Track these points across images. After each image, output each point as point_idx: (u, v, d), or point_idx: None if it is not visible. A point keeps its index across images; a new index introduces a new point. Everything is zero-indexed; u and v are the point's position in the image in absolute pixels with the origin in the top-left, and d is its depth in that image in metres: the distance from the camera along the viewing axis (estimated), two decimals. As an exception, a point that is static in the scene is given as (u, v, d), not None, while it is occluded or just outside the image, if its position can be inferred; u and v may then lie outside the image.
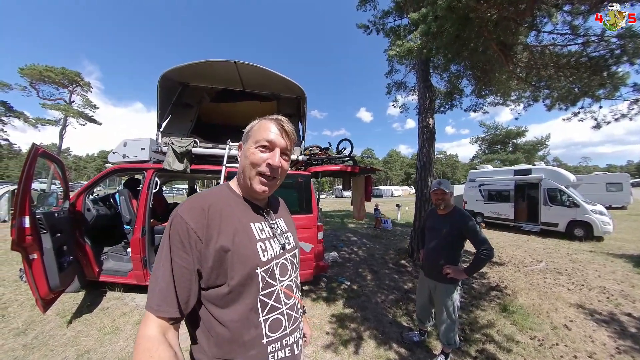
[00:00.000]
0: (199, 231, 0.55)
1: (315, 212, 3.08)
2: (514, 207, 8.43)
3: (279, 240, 0.69)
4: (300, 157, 3.53)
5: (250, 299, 0.58)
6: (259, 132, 0.63)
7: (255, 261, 0.59)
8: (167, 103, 3.36)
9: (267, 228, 0.68)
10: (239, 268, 0.56)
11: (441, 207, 1.84)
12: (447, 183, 1.84)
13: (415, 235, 4.45)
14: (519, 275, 3.89)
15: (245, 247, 0.59)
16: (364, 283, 3.46)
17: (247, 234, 0.61)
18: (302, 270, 2.93)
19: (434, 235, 1.84)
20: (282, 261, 0.67)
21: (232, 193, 0.67)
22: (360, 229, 7.94)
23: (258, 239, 0.63)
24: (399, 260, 4.47)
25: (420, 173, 4.52)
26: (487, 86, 5.34)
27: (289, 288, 0.67)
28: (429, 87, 4.78)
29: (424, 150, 4.52)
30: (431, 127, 4.56)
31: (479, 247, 1.61)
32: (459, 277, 1.69)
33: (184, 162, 2.84)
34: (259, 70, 3.15)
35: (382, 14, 4.41)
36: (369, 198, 4.49)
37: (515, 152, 30.47)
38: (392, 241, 6.23)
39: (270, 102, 3.99)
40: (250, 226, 0.63)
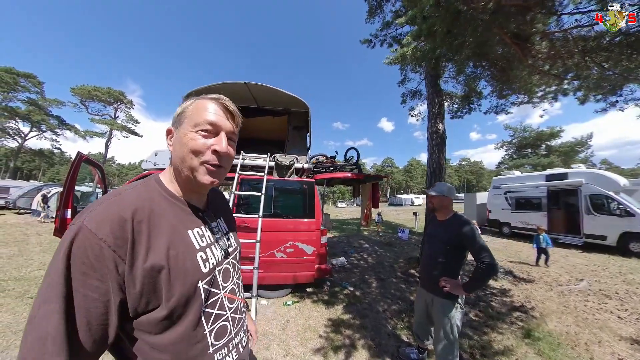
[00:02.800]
0: (120, 249, 0.43)
1: (319, 217, 3.21)
2: (548, 217, 7.54)
3: (221, 245, 0.62)
4: (306, 165, 3.73)
5: (193, 316, 0.51)
6: (197, 114, 0.53)
7: (197, 275, 0.52)
8: None
9: (208, 233, 0.59)
10: (178, 286, 0.48)
11: (432, 211, 1.72)
12: (442, 186, 1.68)
13: (426, 244, 4.31)
14: (551, 296, 3.40)
15: (184, 261, 0.50)
16: (368, 290, 3.45)
17: (185, 244, 0.52)
18: (303, 272, 3.09)
19: (431, 243, 1.71)
20: (225, 266, 0.61)
21: (164, 192, 0.54)
22: (373, 236, 7.82)
23: (198, 248, 0.54)
24: (408, 269, 4.35)
25: (430, 180, 4.42)
26: (507, 85, 5.03)
27: (232, 292, 0.62)
28: (438, 91, 4.71)
29: (433, 157, 4.43)
30: (441, 132, 4.46)
31: (477, 258, 1.42)
32: (456, 292, 1.48)
33: None
34: (266, 88, 3.58)
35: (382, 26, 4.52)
36: (376, 205, 4.50)
37: (549, 156, 27.45)
38: (405, 250, 6.04)
39: (282, 117, 4.33)
40: (188, 234, 0.54)
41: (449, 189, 1.66)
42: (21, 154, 27.27)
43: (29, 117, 23.88)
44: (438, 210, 1.68)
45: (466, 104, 5.81)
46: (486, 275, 1.40)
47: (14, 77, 21.79)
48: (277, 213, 3.13)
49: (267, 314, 2.69)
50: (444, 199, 1.64)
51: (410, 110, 7.89)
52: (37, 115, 24.04)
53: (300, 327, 2.45)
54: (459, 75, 5.52)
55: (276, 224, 3.05)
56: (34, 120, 24.34)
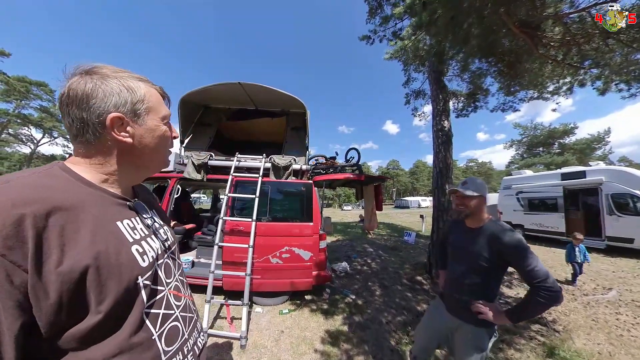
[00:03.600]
0: (12, 253, 0.34)
1: (317, 221, 3.04)
2: (565, 218, 7.10)
3: (159, 238, 0.58)
4: (305, 167, 3.58)
5: (134, 318, 0.45)
6: (160, 105, 0.54)
7: (135, 270, 0.46)
8: (190, 123, 3.88)
9: (140, 225, 0.54)
10: (113, 285, 0.41)
11: (464, 217, 1.29)
12: (475, 183, 1.26)
13: (434, 250, 4.07)
14: (576, 307, 3.01)
15: (118, 255, 0.44)
16: (370, 299, 3.24)
17: (115, 236, 0.46)
18: (300, 278, 2.92)
19: (460, 257, 1.31)
20: (165, 261, 0.58)
21: (78, 180, 0.45)
22: (379, 240, 7.57)
23: (132, 240, 0.49)
24: (415, 276, 4.11)
25: (437, 180, 4.19)
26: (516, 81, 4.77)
27: (176, 289, 0.58)
28: (442, 87, 4.50)
29: (439, 156, 4.20)
30: (447, 130, 4.25)
31: (531, 280, 1.04)
32: (497, 320, 1.12)
33: (200, 172, 3.23)
34: (262, 88, 3.48)
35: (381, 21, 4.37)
36: (380, 208, 4.30)
37: (563, 154, 26.13)
38: (411, 254, 5.78)
39: (281, 118, 4.24)
40: (117, 226, 0.47)
41: (484, 187, 1.25)
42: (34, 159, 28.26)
43: (42, 124, 24.76)
44: (474, 215, 1.26)
45: (472, 101, 5.56)
46: (545, 305, 1.02)
47: (27, 85, 22.47)
48: (273, 216, 2.99)
49: (261, 323, 2.53)
50: (481, 200, 1.23)
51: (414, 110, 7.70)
52: (49, 122, 24.90)
53: (295, 339, 2.27)
54: (463, 72, 5.30)
55: (271, 228, 2.91)
56: (46, 127, 25.21)
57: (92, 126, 0.45)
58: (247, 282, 2.45)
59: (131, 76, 0.50)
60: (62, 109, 0.45)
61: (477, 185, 1.24)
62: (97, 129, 0.45)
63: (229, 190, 2.97)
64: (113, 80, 0.47)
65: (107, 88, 0.46)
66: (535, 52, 3.31)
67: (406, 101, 7.38)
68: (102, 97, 0.45)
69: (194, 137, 3.88)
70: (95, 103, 0.44)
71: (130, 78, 0.49)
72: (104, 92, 0.45)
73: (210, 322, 2.44)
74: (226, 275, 2.63)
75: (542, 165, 25.85)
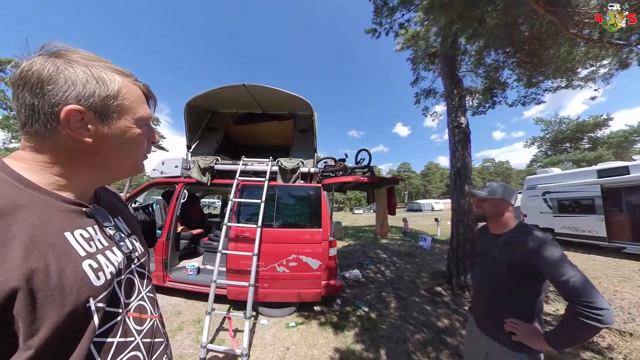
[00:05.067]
0: None
1: (327, 226, 2.86)
2: (605, 220, 6.21)
3: (122, 250, 0.49)
4: (313, 169, 3.42)
5: (79, 353, 0.37)
6: (139, 106, 0.47)
7: (85, 291, 0.38)
8: (197, 128, 3.87)
9: (99, 235, 0.46)
10: (52, 311, 0.34)
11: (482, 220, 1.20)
12: (496, 186, 1.15)
13: (454, 257, 3.72)
14: (635, 329, 2.51)
15: (61, 273, 0.36)
16: (385, 312, 2.97)
17: (61, 250, 0.38)
18: (309, 289, 2.72)
19: (485, 266, 1.18)
20: (127, 276, 0.49)
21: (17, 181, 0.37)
22: (392, 245, 7.20)
23: (84, 254, 0.41)
24: (434, 286, 3.77)
25: (455, 181, 3.85)
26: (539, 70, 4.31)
27: (140, 309, 0.50)
28: (457, 82, 4.15)
29: (456, 155, 3.86)
30: (464, 126, 3.90)
31: (570, 297, 0.85)
32: (535, 345, 0.93)
33: (206, 176, 3.17)
34: (267, 90, 3.38)
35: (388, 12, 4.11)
36: (393, 212, 4.01)
37: (595, 149, 23.45)
38: (428, 261, 5.39)
39: (288, 121, 4.15)
40: (64, 237, 0.39)
41: (505, 190, 1.13)
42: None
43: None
44: (491, 219, 1.17)
45: (488, 97, 5.14)
46: (589, 328, 0.80)
47: None
48: (280, 222, 2.84)
49: (265, 337, 2.36)
50: (499, 203, 1.13)
51: (425, 110, 7.35)
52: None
53: (301, 358, 2.07)
54: (477, 67, 4.92)
55: (278, 234, 2.75)
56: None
57: (44, 116, 0.38)
58: (251, 293, 2.30)
59: (108, 67, 0.43)
60: (13, 91, 0.39)
61: (494, 187, 1.16)
62: (50, 121, 0.38)
63: (234, 194, 2.87)
64: (81, 67, 0.40)
65: (71, 75, 0.39)
66: (565, 32, 2.88)
67: (416, 101, 7.06)
68: (62, 85, 0.38)
69: (201, 141, 3.85)
70: (52, 90, 0.37)
71: (106, 69, 0.42)
72: (65, 79, 0.38)
73: (212, 334, 2.31)
74: (230, 284, 2.50)
75: (570, 162, 23.73)
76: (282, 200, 3.00)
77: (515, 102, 5.30)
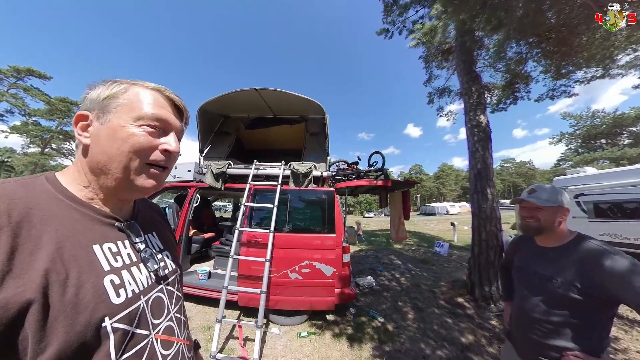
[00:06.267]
0: None
1: (340, 232, 2.76)
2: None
3: (150, 267, 0.48)
4: (325, 173, 3.36)
5: None
6: (139, 105, 0.43)
7: (100, 309, 0.35)
8: (209, 132, 3.91)
9: (128, 250, 0.45)
10: (61, 330, 0.31)
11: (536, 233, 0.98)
12: (547, 190, 0.96)
13: (476, 265, 3.48)
14: None
15: (79, 287, 0.34)
16: (403, 323, 2.80)
17: (85, 263, 0.37)
18: (322, 297, 2.61)
19: (531, 285, 0.98)
20: (157, 295, 0.47)
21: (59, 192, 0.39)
22: (406, 251, 6.94)
23: (108, 269, 0.39)
24: (454, 296, 3.53)
25: (475, 183, 3.62)
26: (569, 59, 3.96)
27: (168, 331, 0.47)
28: (474, 78, 3.92)
29: (477, 155, 3.63)
30: (484, 125, 3.66)
31: None
32: None
33: (219, 181, 3.19)
34: (279, 94, 3.39)
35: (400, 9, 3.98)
36: (407, 216, 3.85)
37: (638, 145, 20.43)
38: (446, 269, 5.11)
39: (300, 124, 4.13)
40: (92, 250, 0.39)
41: (560, 194, 0.94)
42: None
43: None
44: (547, 230, 0.95)
45: (509, 93, 4.81)
46: None
47: (68, 105, 24.98)
48: (292, 227, 2.77)
49: (276, 347, 2.27)
50: (557, 211, 0.93)
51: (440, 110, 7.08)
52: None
53: (316, 372, 1.97)
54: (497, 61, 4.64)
55: (290, 239, 2.69)
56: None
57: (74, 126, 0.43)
58: (262, 301, 2.23)
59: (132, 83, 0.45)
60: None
61: (550, 192, 0.95)
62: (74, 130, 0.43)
63: (247, 199, 2.85)
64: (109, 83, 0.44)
65: (96, 89, 0.43)
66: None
67: (429, 100, 6.83)
68: (86, 98, 0.43)
69: (213, 146, 3.90)
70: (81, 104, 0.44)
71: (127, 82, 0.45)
72: (90, 93, 0.43)
73: (222, 342, 2.26)
74: (241, 291, 2.45)
75: (606, 160, 20.95)
76: (294, 205, 2.95)
77: (542, 96, 4.91)
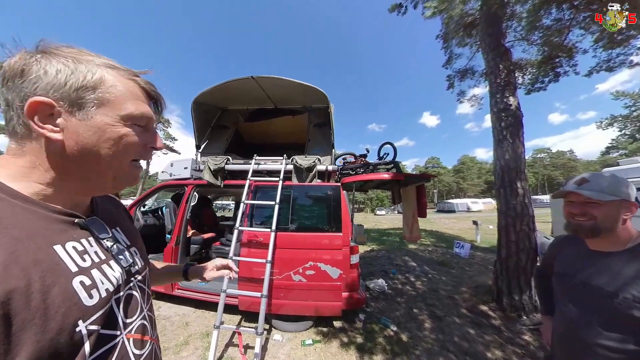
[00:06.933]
0: None
1: (347, 230, 2.59)
2: None
3: (123, 263, 0.46)
4: (331, 167, 3.18)
5: None
6: (128, 101, 0.40)
7: (73, 312, 0.34)
8: (206, 126, 3.80)
9: (95, 247, 0.42)
10: (30, 338, 0.30)
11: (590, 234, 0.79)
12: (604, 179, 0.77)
13: (503, 270, 3.17)
14: None
15: (45, 292, 0.32)
16: (419, 333, 2.59)
17: (47, 266, 0.34)
18: (328, 301, 2.42)
19: (582, 297, 0.81)
20: (128, 292, 0.46)
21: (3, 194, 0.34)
22: (422, 252, 6.63)
23: (75, 270, 0.37)
24: (478, 304, 3.24)
25: (502, 176, 3.26)
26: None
27: (141, 330, 0.46)
28: (503, 54, 3.44)
29: (504, 144, 3.23)
30: (513, 108, 3.23)
31: None
32: None
33: (218, 178, 3.08)
34: (279, 82, 3.20)
35: None
36: (424, 213, 3.58)
37: None
38: (467, 273, 4.77)
39: (302, 115, 3.95)
40: (53, 251, 0.36)
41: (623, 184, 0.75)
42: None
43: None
44: (605, 230, 0.76)
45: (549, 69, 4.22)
46: None
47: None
48: (295, 226, 2.63)
49: (278, 356, 2.14)
50: (621, 206, 0.74)
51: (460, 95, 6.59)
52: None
53: (320, 387, 1.82)
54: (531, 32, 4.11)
55: (293, 239, 2.55)
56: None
57: (16, 112, 0.35)
58: (263, 306, 2.11)
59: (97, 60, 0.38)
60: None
61: (610, 182, 0.76)
62: (21, 117, 0.35)
63: (247, 196, 2.73)
64: (61, 59, 0.36)
65: (47, 66, 0.35)
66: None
67: (449, 85, 6.37)
68: (35, 76, 0.35)
69: (211, 141, 3.79)
70: (23, 83, 0.35)
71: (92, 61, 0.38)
72: (38, 69, 0.35)
73: (220, 350, 2.15)
74: (241, 294, 2.34)
75: None
76: (297, 202, 2.80)
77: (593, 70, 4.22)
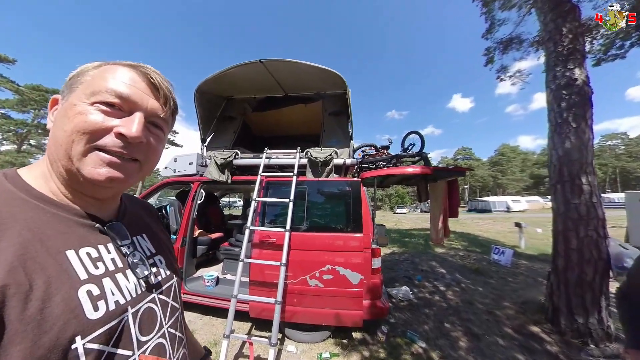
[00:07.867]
0: None
1: (368, 230, 2.39)
2: None
3: (139, 273, 0.42)
4: (349, 161, 2.98)
5: None
6: (100, 80, 0.37)
7: (71, 327, 0.30)
8: (211, 118, 3.69)
9: (112, 254, 0.40)
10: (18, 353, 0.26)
11: None
12: None
13: (561, 284, 2.70)
14: None
15: (45, 301, 0.29)
16: (452, 353, 2.29)
17: (53, 272, 0.31)
18: (347, 309, 2.19)
19: None
20: (146, 306, 0.42)
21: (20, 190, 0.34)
22: (452, 257, 6.12)
23: (85, 278, 0.35)
24: (527, 323, 2.80)
25: (560, 170, 2.72)
26: None
27: (158, 349, 0.41)
28: (567, 13, 2.77)
29: (565, 129, 2.67)
30: (580, 84, 2.62)
31: None
32: None
33: (225, 173, 2.99)
34: (290, 65, 3.01)
35: None
36: (455, 213, 3.24)
37: None
38: (509, 284, 4.25)
39: (316, 103, 3.73)
40: (64, 256, 0.34)
41: None
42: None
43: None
44: None
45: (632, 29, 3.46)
46: None
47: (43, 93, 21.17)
48: (311, 225, 2.48)
49: (293, 370, 2.02)
50: None
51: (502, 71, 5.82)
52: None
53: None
54: None
55: (309, 240, 2.39)
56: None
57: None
58: (277, 313, 1.97)
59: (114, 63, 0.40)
60: None
61: None
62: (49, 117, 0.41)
63: (258, 193, 2.63)
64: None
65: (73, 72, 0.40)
66: None
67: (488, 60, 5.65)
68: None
69: (217, 133, 3.67)
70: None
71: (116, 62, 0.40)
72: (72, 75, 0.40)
73: (230, 362, 2.07)
74: (253, 300, 2.24)
75: None
76: (313, 199, 2.64)
77: None
